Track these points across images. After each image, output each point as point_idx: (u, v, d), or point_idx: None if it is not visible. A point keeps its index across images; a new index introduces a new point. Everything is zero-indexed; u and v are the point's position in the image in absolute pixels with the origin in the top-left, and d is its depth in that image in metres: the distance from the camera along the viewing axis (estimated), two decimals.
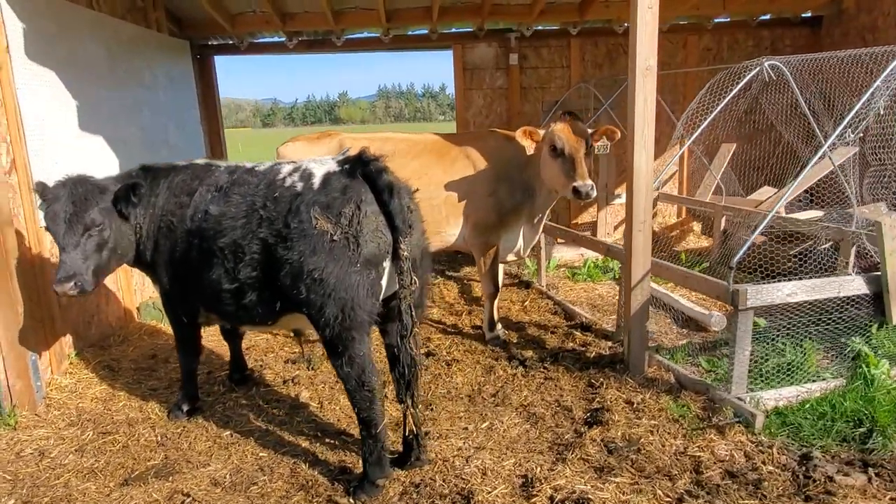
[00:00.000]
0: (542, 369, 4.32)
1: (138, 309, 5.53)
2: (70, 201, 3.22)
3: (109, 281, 5.20)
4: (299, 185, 2.86)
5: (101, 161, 4.95)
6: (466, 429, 3.60)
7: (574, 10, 7.10)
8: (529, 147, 4.28)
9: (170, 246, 3.37)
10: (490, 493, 2.96)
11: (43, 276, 4.15)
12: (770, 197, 6.22)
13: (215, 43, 7.68)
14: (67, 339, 4.60)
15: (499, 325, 5.05)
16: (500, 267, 5.06)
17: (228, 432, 3.63)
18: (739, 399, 3.57)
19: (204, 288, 3.18)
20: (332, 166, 2.89)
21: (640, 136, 3.80)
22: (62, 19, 4.56)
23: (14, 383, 3.83)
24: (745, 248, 3.53)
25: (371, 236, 2.73)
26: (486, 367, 4.42)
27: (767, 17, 7.72)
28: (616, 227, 8.02)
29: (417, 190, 3.07)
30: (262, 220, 2.89)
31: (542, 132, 4.33)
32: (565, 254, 7.26)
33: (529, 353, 4.60)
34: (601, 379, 4.07)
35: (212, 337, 4.90)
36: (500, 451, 3.34)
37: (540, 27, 7.60)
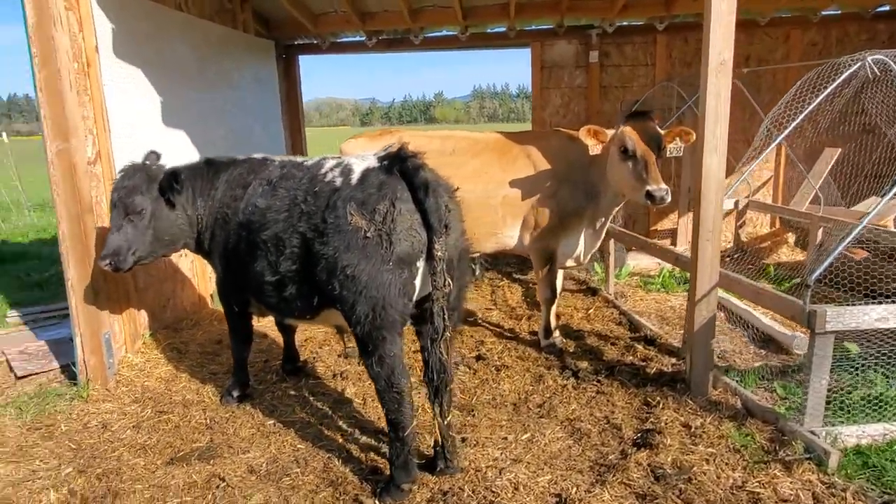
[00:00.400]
0: (595, 382, 4.09)
1: (211, 296, 5.82)
2: (122, 186, 3.45)
3: (185, 268, 5.51)
4: (338, 181, 2.86)
5: (185, 154, 5.24)
6: (506, 439, 3.47)
7: (660, 5, 6.71)
8: (594, 147, 4.06)
9: (224, 237, 3.50)
10: None
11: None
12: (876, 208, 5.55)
13: (299, 43, 7.94)
14: (143, 321, 4.91)
15: (556, 333, 4.85)
16: (561, 272, 4.86)
17: (272, 421, 3.71)
18: (813, 433, 3.19)
19: (250, 279, 3.27)
20: (372, 162, 2.87)
21: (712, 136, 3.49)
22: (151, 20, 4.87)
23: (89, 359, 4.13)
24: (827, 262, 3.14)
25: (404, 234, 2.67)
26: (535, 375, 4.25)
27: (886, 8, 6.91)
28: None
29: (458, 189, 2.97)
30: (302, 214, 2.91)
31: (609, 132, 4.10)
32: (641, 261, 6.88)
33: (584, 364, 4.38)
34: (658, 398, 3.79)
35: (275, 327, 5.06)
36: (537, 466, 3.18)
37: (624, 23, 7.25)
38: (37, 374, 4.45)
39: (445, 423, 2.92)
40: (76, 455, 3.38)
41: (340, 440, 3.48)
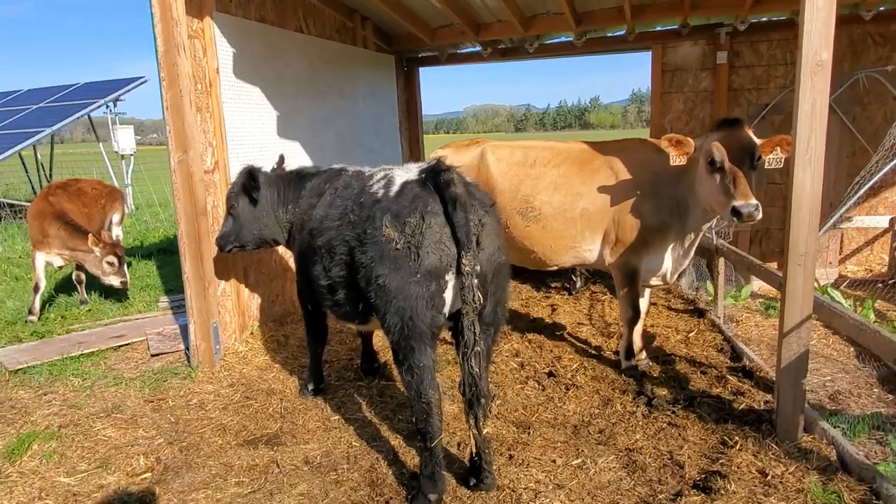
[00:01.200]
0: (668, 412, 3.78)
1: None
2: (231, 185, 4.01)
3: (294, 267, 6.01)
4: (380, 192, 2.97)
5: (297, 161, 5.73)
6: (554, 461, 3.35)
7: None
8: (675, 157, 3.75)
9: (300, 241, 3.80)
10: None
11: (232, 258, 4.99)
12: None
13: (420, 55, 8.27)
14: (252, 313, 5.45)
15: (642, 355, 4.55)
16: (647, 291, 4.55)
17: (337, 417, 3.94)
18: None
19: (311, 281, 3.51)
20: (413, 175, 2.94)
21: (805, 147, 3.08)
22: (269, 42, 5.40)
23: (199, 344, 4.69)
24: None
25: (433, 248, 2.71)
26: (604, 398, 4.03)
27: None
28: (844, 259, 6.57)
29: (494, 204, 2.94)
30: (349, 224, 3.08)
31: (695, 142, 3.77)
32: (761, 282, 6.17)
33: (663, 392, 4.06)
34: (738, 438, 3.42)
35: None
36: (579, 495, 3.04)
37: (759, 19, 6.57)
38: (166, 353, 5.14)
39: (481, 436, 2.91)
40: (172, 428, 3.87)
41: (392, 442, 3.60)
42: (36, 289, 6.02)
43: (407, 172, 3.00)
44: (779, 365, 3.36)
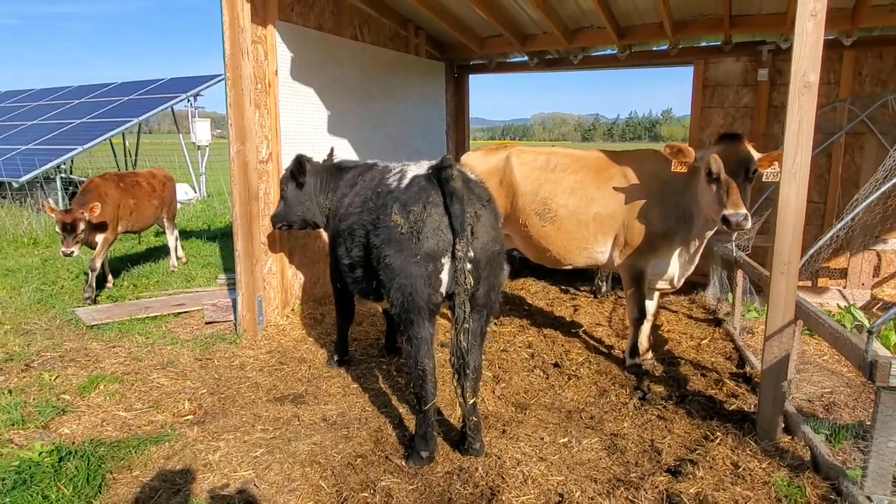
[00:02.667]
0: (659, 406, 4.03)
1: None
2: (284, 172, 4.74)
3: None
4: (394, 184, 3.40)
5: (345, 156, 6.26)
6: (543, 439, 3.67)
7: (844, 18, 6.01)
8: (676, 167, 4.00)
9: (332, 226, 4.29)
10: (516, 498, 3.07)
11: (279, 241, 5.56)
12: None
13: (470, 63, 8.69)
14: (295, 292, 6.02)
15: (648, 355, 4.79)
16: (657, 294, 4.78)
17: (356, 385, 4.40)
18: (869, 499, 2.86)
19: (337, 261, 3.99)
20: (422, 170, 3.35)
21: (791, 163, 3.29)
22: (326, 49, 5.95)
23: (245, 315, 5.27)
24: (890, 314, 2.79)
25: (431, 234, 3.10)
26: (601, 389, 4.31)
27: None
28: (882, 282, 6.49)
29: (489, 201, 3.29)
30: (368, 210, 3.52)
31: (695, 153, 4.01)
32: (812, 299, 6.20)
33: (659, 389, 4.30)
34: (720, 434, 3.63)
35: None
36: (557, 468, 3.35)
37: None
38: (218, 322, 5.76)
39: (466, 405, 3.28)
40: (214, 382, 4.43)
41: (400, 410, 4.01)
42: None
43: (419, 168, 3.41)
44: (762, 367, 3.56)
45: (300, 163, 4.57)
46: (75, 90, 18.57)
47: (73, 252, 5.92)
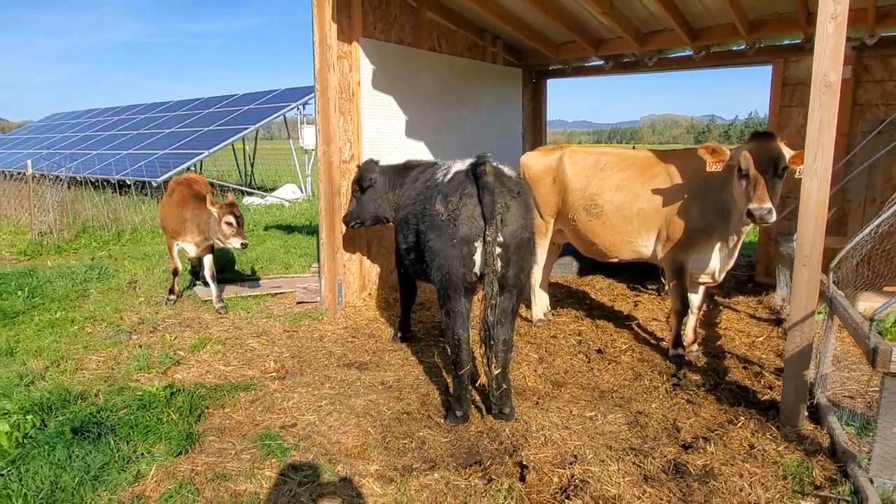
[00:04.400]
0: (691, 392, 4.24)
1: None
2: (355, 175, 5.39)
3: None
4: (440, 178, 3.92)
5: (421, 156, 6.88)
6: (571, 412, 4.03)
7: None
8: (711, 165, 4.19)
9: (398, 217, 4.90)
10: (535, 454, 3.48)
11: (358, 231, 6.27)
12: None
13: (549, 68, 9.03)
14: (372, 278, 6.72)
15: (694, 347, 4.97)
16: (702, 288, 4.94)
17: (414, 358, 4.97)
18: (871, 481, 2.99)
19: (398, 247, 4.58)
20: (464, 167, 3.84)
21: (812, 159, 3.44)
22: (405, 61, 6.61)
23: (326, 295, 6.03)
24: (891, 302, 2.91)
25: (466, 220, 3.59)
26: (637, 373, 4.57)
27: None
28: None
29: (520, 194, 3.71)
30: (419, 202, 4.07)
31: (729, 151, 4.18)
32: (872, 302, 6.01)
33: (696, 377, 4.49)
34: (743, 419, 3.81)
35: None
36: (578, 435, 3.71)
37: (889, 33, 6.35)
38: (307, 303, 6.58)
39: (492, 374, 3.73)
40: (297, 349, 5.18)
41: (448, 380, 4.52)
42: (175, 272, 6.43)
43: (462, 165, 3.91)
44: (785, 356, 3.71)
45: (361, 169, 5.21)
46: (204, 101, 20.88)
47: (246, 243, 5.88)
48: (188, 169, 14.55)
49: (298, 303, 6.58)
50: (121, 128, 21.38)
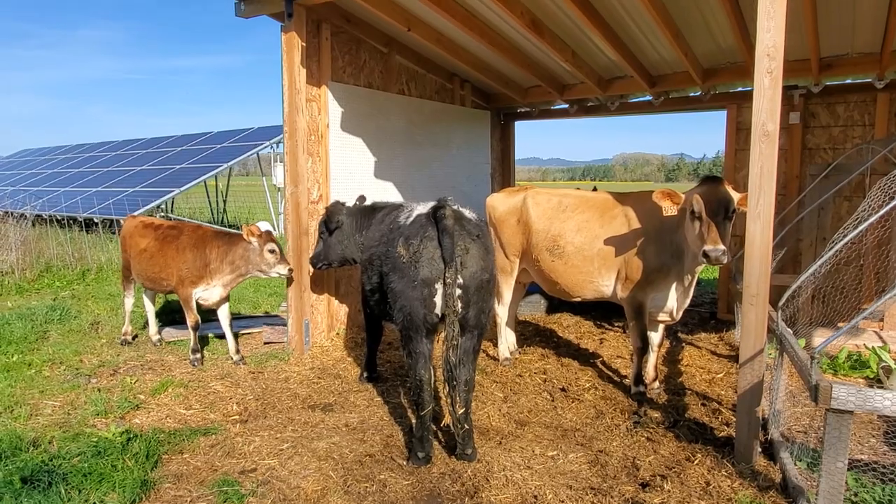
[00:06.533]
0: (651, 430, 4.30)
1: None
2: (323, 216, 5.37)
3: None
4: (402, 221, 4.01)
5: (390, 197, 6.97)
6: (534, 451, 4.06)
7: (871, 63, 6.15)
8: (667, 209, 4.36)
9: (363, 258, 4.95)
10: (496, 496, 3.49)
11: (328, 272, 6.30)
12: None
13: (517, 111, 9.31)
14: (340, 318, 6.71)
15: (656, 384, 5.05)
16: (661, 326, 5.06)
17: (380, 399, 4.95)
18: None
19: (363, 287, 4.62)
20: (425, 210, 3.94)
21: (755, 204, 3.61)
22: (373, 103, 6.77)
23: (293, 336, 6.00)
24: (836, 335, 3.04)
25: (427, 263, 3.66)
26: (599, 412, 4.63)
27: None
28: None
29: (479, 237, 3.80)
30: (383, 244, 4.14)
31: (683, 195, 4.36)
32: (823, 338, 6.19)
33: (656, 415, 4.56)
34: (700, 456, 3.88)
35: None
36: (539, 475, 3.73)
37: (835, 82, 6.74)
38: (274, 343, 6.53)
39: (455, 414, 3.75)
40: (261, 391, 5.13)
41: (413, 422, 4.51)
42: (196, 327, 5.79)
43: (424, 207, 4.00)
44: (737, 393, 3.81)
45: (333, 209, 5.28)
46: (178, 139, 20.87)
47: (292, 268, 5.65)
48: (159, 206, 14.45)
49: (265, 343, 6.54)
50: (91, 164, 21.20)
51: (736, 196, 4.14)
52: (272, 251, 5.56)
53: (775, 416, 4.10)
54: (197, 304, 5.76)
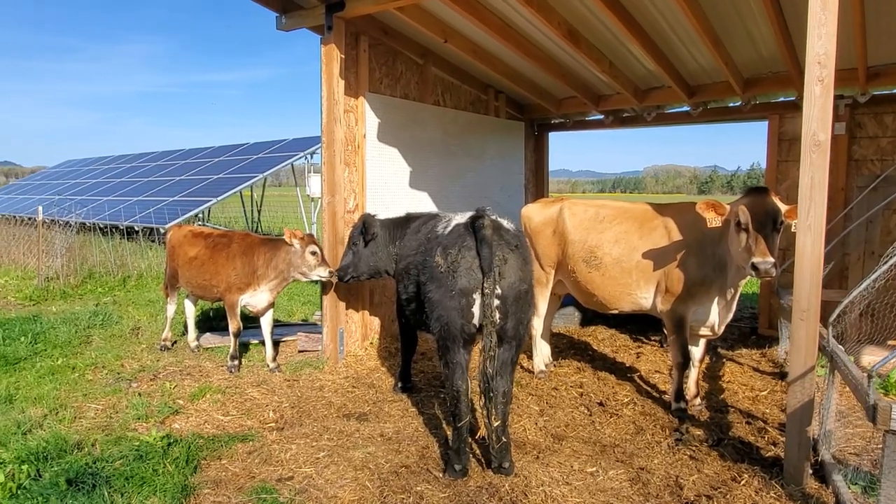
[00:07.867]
0: (694, 447, 4.18)
1: None
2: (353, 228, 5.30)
3: None
4: (440, 231, 4.00)
5: (424, 206, 6.98)
6: (572, 467, 3.98)
7: None
8: (711, 220, 4.25)
9: (398, 268, 4.95)
10: None
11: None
12: None
13: (551, 122, 9.26)
14: (374, 328, 6.73)
15: (697, 400, 4.92)
16: (703, 341, 4.93)
17: (414, 409, 4.93)
18: None
19: (399, 297, 4.62)
20: (463, 220, 3.92)
21: (805, 216, 3.50)
22: (409, 114, 6.81)
23: (328, 344, 6.03)
24: (894, 354, 2.91)
25: (465, 273, 3.63)
26: (639, 427, 4.52)
27: None
28: None
29: (518, 247, 3.76)
30: (420, 253, 4.13)
31: (727, 206, 4.25)
32: (876, 356, 5.96)
33: (698, 432, 4.43)
34: (747, 477, 3.75)
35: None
36: (579, 492, 3.66)
37: (883, 92, 6.54)
38: (309, 351, 6.57)
39: (492, 426, 3.70)
40: (297, 398, 5.15)
41: (448, 433, 4.47)
42: (237, 333, 5.87)
43: (462, 217, 3.99)
44: (787, 412, 3.67)
45: (369, 220, 5.26)
46: (216, 150, 21.35)
47: (332, 271, 5.66)
48: (196, 216, 14.77)
49: (300, 351, 6.58)
50: (132, 175, 21.84)
51: (783, 208, 4.01)
52: (314, 253, 5.62)
53: (826, 436, 3.94)
54: (244, 310, 5.83)
